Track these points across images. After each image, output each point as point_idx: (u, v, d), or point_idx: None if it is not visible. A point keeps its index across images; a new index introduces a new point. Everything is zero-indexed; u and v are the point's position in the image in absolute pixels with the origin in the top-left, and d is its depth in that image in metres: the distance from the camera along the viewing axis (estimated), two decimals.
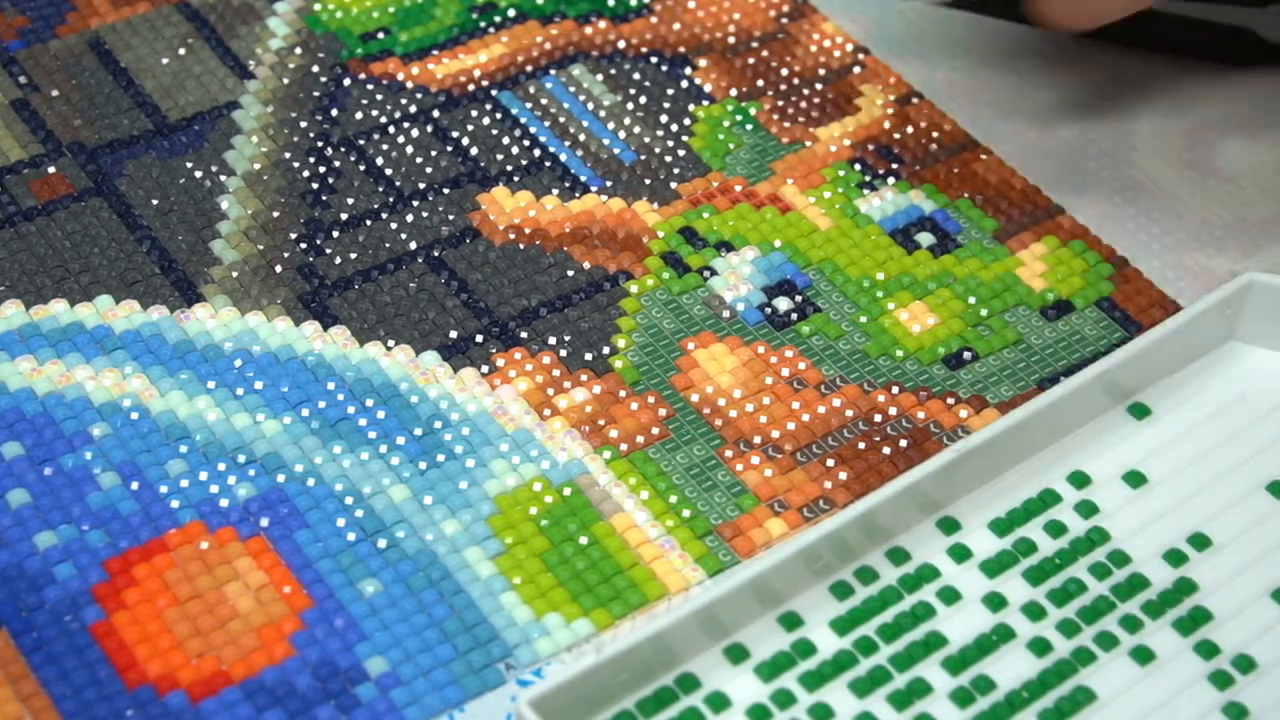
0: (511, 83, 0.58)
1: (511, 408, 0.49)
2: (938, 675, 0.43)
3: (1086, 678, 0.43)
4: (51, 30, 0.58)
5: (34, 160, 0.54)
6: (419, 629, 0.44)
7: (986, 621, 0.44)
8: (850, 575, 0.45)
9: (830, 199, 0.55)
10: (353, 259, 0.52)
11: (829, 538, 0.44)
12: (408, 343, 0.50)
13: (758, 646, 0.43)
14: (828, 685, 0.43)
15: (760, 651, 0.43)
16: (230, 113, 0.56)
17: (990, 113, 0.58)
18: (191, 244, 0.52)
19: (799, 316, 0.51)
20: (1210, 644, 0.44)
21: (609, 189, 0.55)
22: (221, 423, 0.48)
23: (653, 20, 0.60)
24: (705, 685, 0.42)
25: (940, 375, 0.50)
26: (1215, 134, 0.58)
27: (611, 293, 0.52)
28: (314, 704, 0.42)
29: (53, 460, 0.46)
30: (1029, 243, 0.54)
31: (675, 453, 0.48)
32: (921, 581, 0.45)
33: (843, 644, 0.43)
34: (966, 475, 0.46)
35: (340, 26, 0.59)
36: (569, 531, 0.46)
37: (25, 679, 0.42)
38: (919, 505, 0.45)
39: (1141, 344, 0.48)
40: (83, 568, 0.44)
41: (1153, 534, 0.46)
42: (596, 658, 0.41)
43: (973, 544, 0.46)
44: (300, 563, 0.45)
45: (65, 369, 0.48)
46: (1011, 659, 0.44)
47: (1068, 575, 0.45)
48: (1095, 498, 0.47)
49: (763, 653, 0.43)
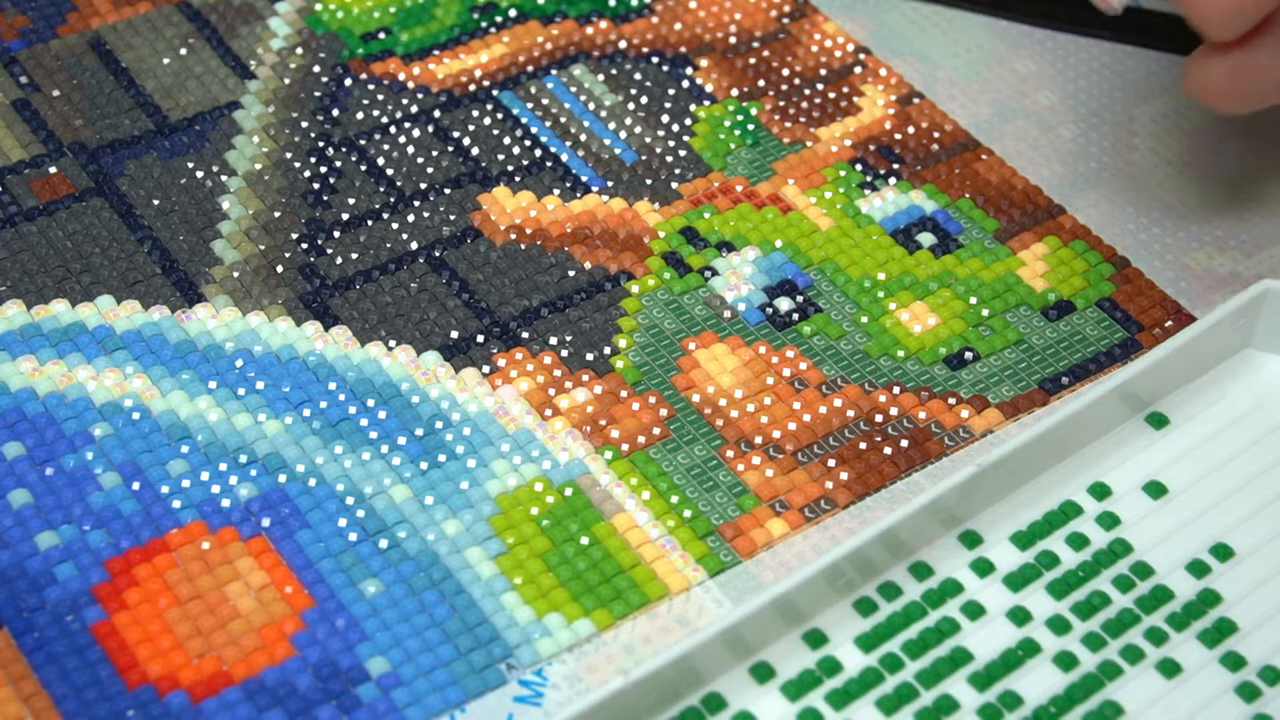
0: (513, 83, 0.58)
1: (513, 408, 0.49)
2: (964, 691, 0.43)
3: (1113, 692, 0.43)
4: (52, 30, 0.58)
5: (35, 160, 0.54)
6: (420, 629, 0.44)
7: (1011, 636, 0.44)
8: (874, 591, 0.45)
9: (831, 199, 0.55)
10: (354, 259, 0.52)
11: (852, 554, 0.43)
12: (409, 343, 0.50)
13: (783, 665, 0.43)
14: (854, 703, 0.43)
15: (786, 670, 0.43)
16: (231, 113, 0.56)
17: (991, 113, 0.58)
18: (193, 244, 0.52)
19: (800, 317, 0.51)
20: (1236, 655, 0.44)
21: (610, 189, 0.55)
22: (223, 423, 0.48)
23: (654, 20, 0.60)
24: (731, 705, 0.42)
25: (941, 375, 0.50)
26: (1216, 134, 0.58)
27: (613, 293, 0.52)
28: (315, 704, 0.42)
29: (54, 460, 0.46)
30: (1030, 243, 0.54)
31: (676, 453, 0.48)
32: (945, 597, 0.45)
33: (868, 661, 0.43)
34: (987, 489, 0.46)
35: (341, 26, 0.59)
36: (570, 531, 0.46)
37: (26, 679, 0.42)
38: (940, 520, 0.45)
39: (1159, 354, 0.48)
40: (84, 568, 0.44)
41: (1175, 545, 0.46)
42: (624, 681, 0.40)
43: (995, 558, 0.46)
44: (302, 563, 0.45)
45: (67, 369, 0.48)
46: (1038, 674, 0.43)
47: (1091, 588, 0.45)
48: (1116, 509, 0.47)
49: (788, 671, 0.43)
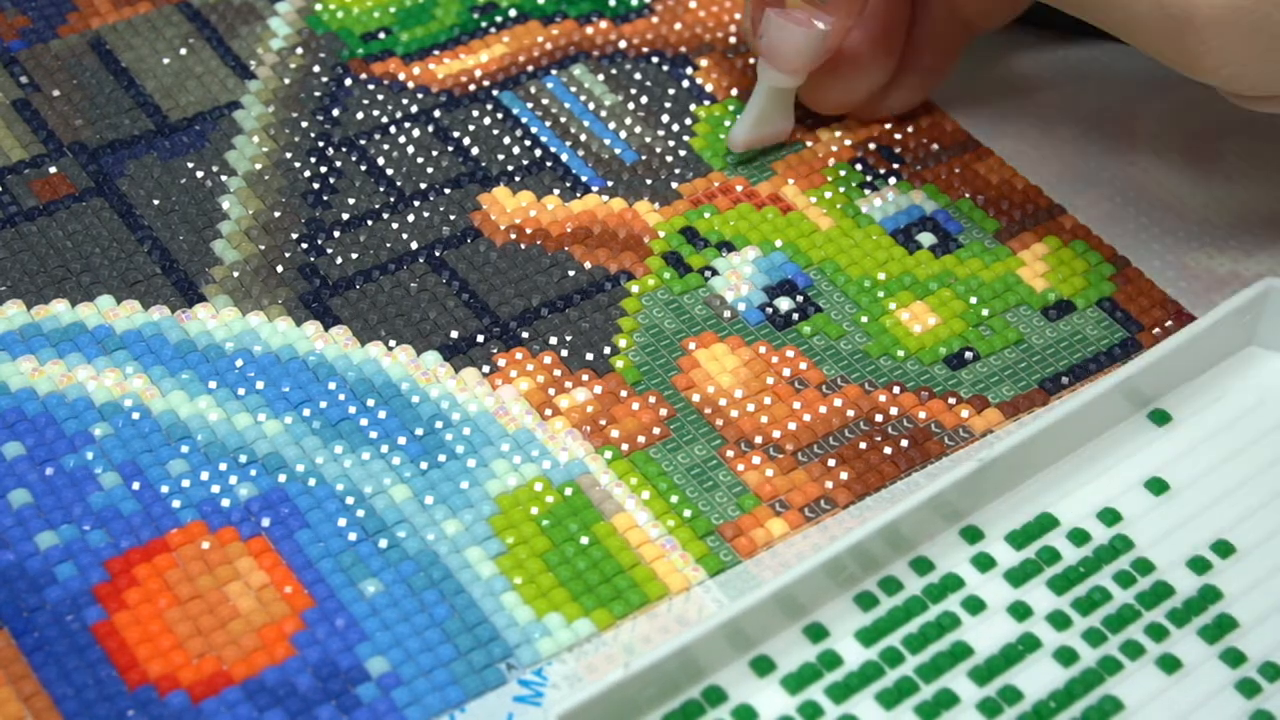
0: (512, 83, 0.58)
1: (513, 408, 0.49)
2: (965, 686, 0.43)
3: (1113, 687, 0.43)
4: (53, 30, 0.58)
5: (35, 160, 0.54)
6: (420, 629, 0.44)
7: (1012, 631, 0.44)
8: (874, 586, 0.44)
9: (831, 199, 0.55)
10: (354, 259, 0.52)
11: (853, 548, 0.43)
12: (409, 343, 0.50)
13: (784, 658, 0.43)
14: (854, 697, 0.43)
15: (786, 663, 0.43)
16: (231, 113, 0.56)
17: (991, 113, 0.58)
18: (193, 244, 0.52)
19: (800, 316, 0.51)
20: (1236, 651, 0.44)
21: (610, 189, 0.55)
22: (223, 422, 0.48)
23: (654, 20, 0.60)
24: (732, 698, 0.42)
25: (942, 375, 0.50)
26: (1216, 134, 0.58)
27: (612, 293, 0.52)
28: (315, 704, 0.42)
29: (54, 460, 0.46)
30: (1030, 243, 0.54)
31: (676, 453, 0.48)
32: (946, 591, 0.45)
33: (869, 655, 0.43)
34: (989, 484, 0.46)
35: (341, 26, 0.59)
36: (570, 531, 0.46)
37: (26, 679, 0.42)
38: (942, 515, 0.45)
39: (1161, 350, 0.47)
40: (84, 568, 0.44)
41: (1176, 541, 0.46)
42: (624, 672, 0.40)
43: (996, 553, 0.45)
44: (301, 562, 0.45)
45: (66, 369, 0.48)
46: (1038, 669, 0.43)
47: (1092, 584, 0.45)
48: (1117, 505, 0.47)
49: (789, 664, 0.43)
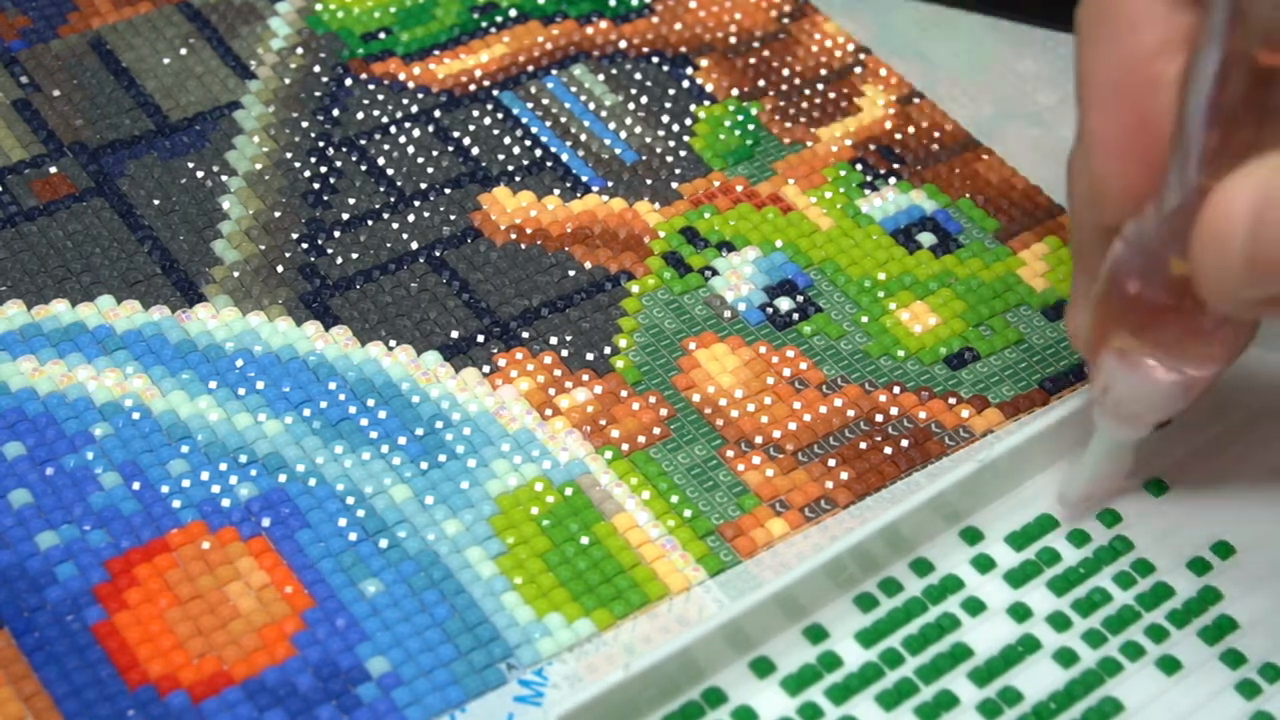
0: (513, 83, 0.58)
1: (513, 407, 0.49)
2: (964, 687, 0.43)
3: (1113, 688, 0.43)
4: (53, 30, 0.58)
5: (35, 160, 0.54)
6: (420, 629, 0.44)
7: (1012, 632, 0.44)
8: (874, 587, 0.44)
9: (831, 199, 0.55)
10: (354, 259, 0.52)
11: (853, 549, 0.43)
12: (409, 343, 0.50)
13: (783, 660, 0.43)
14: (854, 698, 0.43)
15: (786, 665, 0.43)
16: (231, 113, 0.56)
17: (991, 113, 0.58)
18: (193, 244, 0.52)
19: (800, 316, 0.51)
20: (1236, 653, 0.44)
21: (610, 189, 0.55)
22: (223, 422, 0.48)
23: (654, 20, 0.60)
24: (732, 699, 0.42)
25: (942, 375, 0.50)
26: None
27: (613, 293, 0.52)
28: (315, 704, 0.42)
29: (54, 460, 0.46)
30: (1030, 243, 0.54)
31: (677, 452, 0.48)
32: (945, 593, 0.45)
33: (868, 656, 0.43)
34: (989, 484, 0.46)
35: (341, 26, 0.59)
36: (570, 531, 0.46)
37: (27, 679, 0.42)
38: (942, 515, 0.45)
39: None
40: (84, 567, 0.44)
41: (1175, 542, 0.46)
42: (624, 673, 0.40)
43: (996, 554, 0.46)
44: (302, 562, 0.45)
45: (67, 369, 0.48)
46: (1038, 670, 0.43)
47: (1092, 585, 0.45)
48: (1117, 506, 0.47)
49: (788, 666, 0.43)
